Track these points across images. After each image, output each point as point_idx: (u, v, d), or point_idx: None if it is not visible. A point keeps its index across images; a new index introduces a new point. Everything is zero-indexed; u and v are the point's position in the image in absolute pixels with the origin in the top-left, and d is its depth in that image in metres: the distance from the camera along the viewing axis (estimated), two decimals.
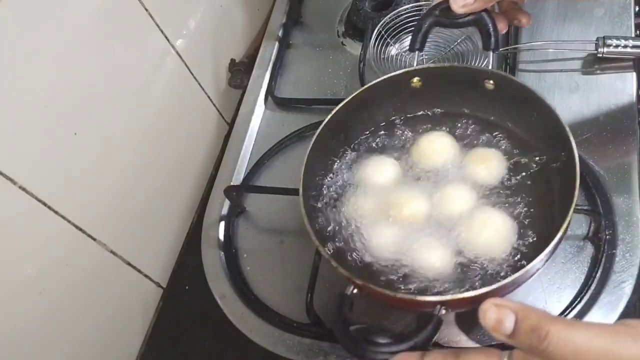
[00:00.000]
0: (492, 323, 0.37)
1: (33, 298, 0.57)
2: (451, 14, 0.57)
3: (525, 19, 0.61)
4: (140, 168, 0.70)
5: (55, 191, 0.57)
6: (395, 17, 0.78)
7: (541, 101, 0.55)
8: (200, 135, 0.84)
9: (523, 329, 0.36)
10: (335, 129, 0.61)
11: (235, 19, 0.90)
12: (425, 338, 0.44)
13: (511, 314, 0.37)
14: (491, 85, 0.60)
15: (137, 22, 0.68)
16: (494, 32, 0.57)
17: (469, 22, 0.58)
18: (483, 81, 0.60)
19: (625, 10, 0.74)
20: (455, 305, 0.48)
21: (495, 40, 0.58)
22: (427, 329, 0.44)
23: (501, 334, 0.37)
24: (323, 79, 0.82)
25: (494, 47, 0.58)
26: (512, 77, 0.59)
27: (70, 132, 0.59)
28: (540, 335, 0.35)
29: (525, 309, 0.37)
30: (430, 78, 0.62)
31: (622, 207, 0.60)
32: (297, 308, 0.62)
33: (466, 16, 0.57)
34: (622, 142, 0.64)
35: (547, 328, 0.35)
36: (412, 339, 0.43)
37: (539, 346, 0.35)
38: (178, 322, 0.71)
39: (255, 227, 0.72)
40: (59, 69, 0.57)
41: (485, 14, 0.57)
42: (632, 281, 0.56)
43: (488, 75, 0.60)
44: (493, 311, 0.37)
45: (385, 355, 0.42)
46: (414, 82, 0.62)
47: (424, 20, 0.60)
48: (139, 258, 0.70)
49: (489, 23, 0.57)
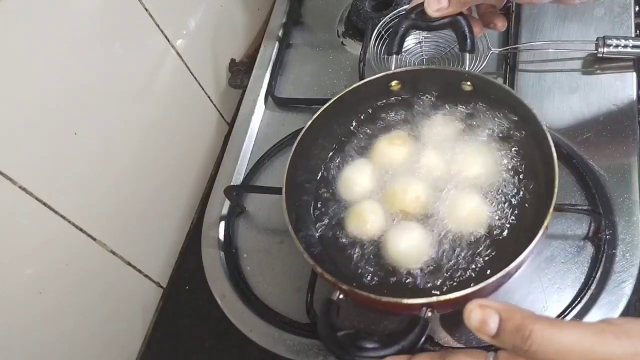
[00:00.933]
0: (476, 324, 0.37)
1: (33, 298, 0.57)
2: (426, 17, 0.59)
3: (501, 23, 0.62)
4: (140, 168, 0.70)
5: (55, 191, 0.57)
6: (395, 17, 0.78)
7: (519, 101, 0.56)
8: (200, 135, 0.84)
9: (507, 329, 0.36)
10: (318, 131, 0.62)
11: (235, 19, 0.90)
12: (412, 341, 0.44)
13: (495, 315, 0.37)
14: (469, 87, 0.61)
15: (137, 22, 0.68)
16: (470, 34, 0.59)
17: (445, 25, 0.59)
18: (460, 83, 0.61)
19: (625, 10, 0.74)
20: (441, 307, 0.48)
21: (471, 41, 0.59)
22: (413, 332, 0.44)
23: (485, 334, 0.37)
24: (323, 79, 0.82)
25: (470, 48, 0.59)
26: (489, 79, 0.60)
27: (70, 132, 0.59)
28: (523, 335, 0.35)
29: (509, 309, 0.37)
30: (409, 81, 0.63)
31: (622, 207, 0.60)
32: (297, 308, 0.62)
33: (441, 19, 0.58)
34: (622, 142, 0.64)
35: (531, 328, 0.35)
36: (399, 343, 0.44)
37: (522, 346, 0.35)
38: (178, 322, 0.71)
39: (255, 227, 0.72)
40: (59, 69, 0.57)
41: (460, 17, 0.58)
42: (632, 281, 0.56)
43: (465, 77, 0.61)
44: (477, 312, 0.37)
45: (373, 359, 0.42)
46: (392, 85, 0.64)
47: (401, 24, 0.61)
48: (139, 258, 0.70)
49: (464, 25, 0.58)
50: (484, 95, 0.60)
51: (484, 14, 0.62)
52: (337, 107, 0.62)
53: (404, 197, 0.57)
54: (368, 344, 0.43)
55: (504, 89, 0.59)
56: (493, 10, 0.62)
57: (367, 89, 0.63)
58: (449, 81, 0.62)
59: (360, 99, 0.64)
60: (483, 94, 0.60)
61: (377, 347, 0.43)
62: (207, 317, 0.67)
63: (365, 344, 0.43)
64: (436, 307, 0.47)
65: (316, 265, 0.51)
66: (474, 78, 0.60)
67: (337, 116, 0.64)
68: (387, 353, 0.43)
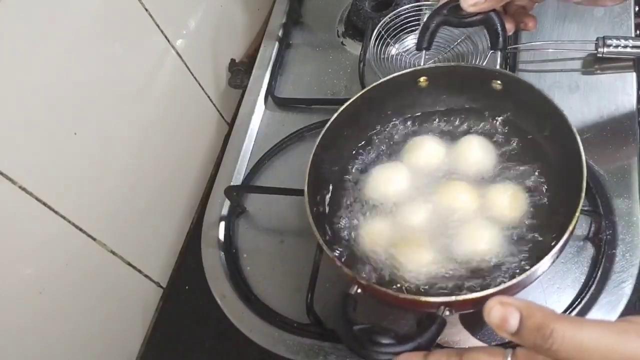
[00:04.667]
0: (496, 321, 0.37)
1: (33, 298, 0.57)
2: (460, 13, 0.57)
3: (532, 23, 0.61)
4: (140, 168, 0.70)
5: (55, 191, 0.57)
6: (395, 17, 0.78)
7: (550, 103, 0.55)
8: (200, 135, 0.84)
9: (528, 327, 0.36)
10: (339, 128, 0.60)
11: (235, 19, 0.90)
12: (428, 339, 0.44)
13: (516, 312, 0.37)
14: (499, 86, 0.59)
15: (137, 22, 0.68)
16: (502, 32, 0.57)
17: (478, 22, 0.58)
18: (491, 81, 0.59)
19: (625, 10, 0.74)
20: (459, 307, 0.48)
21: (504, 39, 0.57)
22: (430, 330, 0.44)
23: (506, 332, 0.37)
24: (323, 79, 0.82)
25: (502, 46, 0.58)
26: (521, 78, 0.59)
27: (70, 132, 0.59)
28: (545, 334, 0.35)
29: (530, 307, 0.37)
30: (437, 77, 0.62)
31: (622, 207, 0.60)
32: (297, 308, 0.62)
33: (475, 15, 0.57)
34: (622, 142, 0.64)
35: (552, 326, 0.35)
36: (416, 340, 0.43)
37: (543, 345, 0.35)
38: (178, 322, 0.71)
39: (255, 227, 0.72)
40: (59, 69, 0.57)
41: (493, 13, 0.57)
42: (632, 281, 0.56)
43: (496, 76, 0.59)
44: (498, 309, 0.37)
45: (389, 355, 0.42)
46: (420, 82, 0.62)
47: (432, 19, 0.59)
48: (139, 258, 0.70)
49: (497, 22, 0.57)
50: (513, 94, 0.59)
51: (514, 14, 0.61)
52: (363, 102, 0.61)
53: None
54: (384, 340, 0.43)
55: (534, 89, 0.57)
56: (524, 10, 0.61)
57: (394, 84, 0.61)
58: (479, 79, 0.60)
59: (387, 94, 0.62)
60: (512, 94, 0.59)
61: (393, 343, 0.43)
62: (207, 317, 0.67)
63: (382, 339, 0.43)
64: (454, 306, 0.46)
65: (336, 259, 0.51)
66: (505, 76, 0.59)
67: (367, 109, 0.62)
68: (403, 350, 0.42)
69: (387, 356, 0.42)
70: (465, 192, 0.57)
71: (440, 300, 0.46)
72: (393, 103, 0.63)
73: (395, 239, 0.55)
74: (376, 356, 0.43)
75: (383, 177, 0.60)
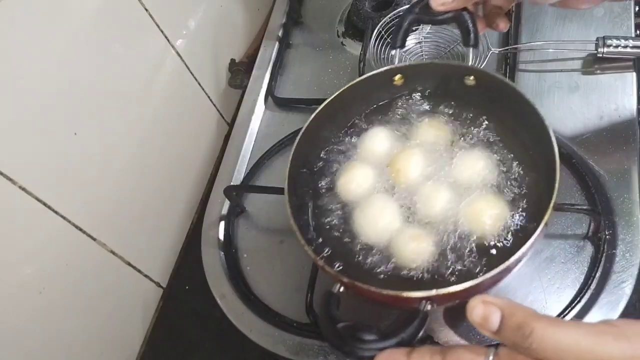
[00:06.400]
0: (478, 319, 0.38)
1: (33, 298, 0.57)
2: (431, 12, 0.58)
3: (503, 24, 0.62)
4: (140, 168, 0.70)
5: (55, 191, 0.57)
6: (395, 17, 0.78)
7: (522, 97, 0.56)
8: (200, 135, 0.84)
9: (509, 326, 0.37)
10: (318, 128, 0.61)
11: (235, 19, 0.90)
12: (411, 334, 0.44)
13: (497, 311, 0.37)
14: (471, 82, 0.61)
15: (137, 22, 0.68)
16: (473, 29, 0.58)
17: (449, 19, 0.59)
18: (463, 77, 0.61)
19: (625, 10, 0.74)
20: (440, 300, 0.49)
21: (475, 36, 0.59)
22: (413, 325, 0.45)
23: (487, 330, 0.38)
24: (323, 79, 0.83)
25: (473, 43, 0.59)
26: (494, 73, 0.61)
27: (70, 132, 0.59)
28: (524, 333, 0.36)
29: (511, 306, 0.38)
30: (412, 75, 0.63)
31: (622, 207, 0.60)
32: (297, 308, 0.62)
33: (445, 13, 0.58)
34: (622, 142, 0.64)
35: (532, 326, 0.36)
36: (399, 335, 0.44)
37: (523, 343, 0.36)
38: (178, 322, 0.71)
39: (255, 227, 0.72)
40: (59, 69, 0.57)
41: (464, 12, 0.58)
42: (632, 281, 0.56)
43: (468, 72, 0.61)
44: (480, 308, 0.38)
45: (372, 351, 0.43)
46: (395, 80, 0.64)
47: (405, 18, 0.61)
48: (139, 258, 0.70)
49: (467, 20, 0.58)
50: (486, 90, 0.60)
51: (488, 14, 0.62)
52: (338, 102, 0.62)
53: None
54: (367, 336, 0.44)
55: (506, 84, 0.59)
56: (499, 11, 0.62)
57: (369, 83, 0.63)
58: (452, 76, 0.62)
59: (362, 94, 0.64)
60: (485, 89, 0.60)
61: (377, 339, 0.43)
62: (207, 317, 0.67)
63: (365, 336, 0.44)
64: (436, 300, 0.47)
65: (317, 258, 0.51)
66: (478, 72, 0.61)
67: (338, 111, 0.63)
68: (386, 345, 0.43)
69: (371, 352, 0.43)
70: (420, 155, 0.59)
71: (421, 295, 0.47)
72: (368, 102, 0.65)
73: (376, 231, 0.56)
74: (360, 352, 0.43)
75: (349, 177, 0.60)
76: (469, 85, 0.61)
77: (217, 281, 0.67)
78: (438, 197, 0.56)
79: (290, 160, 0.58)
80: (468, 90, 0.62)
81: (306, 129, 0.60)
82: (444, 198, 0.56)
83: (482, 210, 0.54)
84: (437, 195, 0.56)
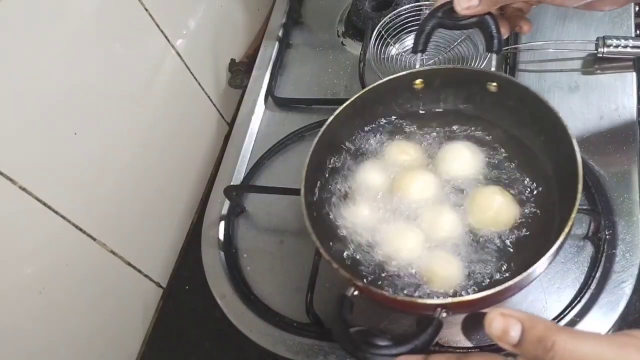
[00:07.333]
0: (498, 333, 0.37)
1: (33, 298, 0.57)
2: (454, 16, 0.57)
3: (527, 27, 0.61)
4: (140, 168, 0.70)
5: (55, 191, 0.57)
6: (395, 17, 0.78)
7: (545, 105, 0.55)
8: (200, 135, 0.84)
9: (529, 339, 0.36)
10: (336, 129, 0.61)
11: (235, 19, 0.90)
12: (425, 341, 0.44)
13: (517, 324, 0.37)
14: (494, 88, 0.60)
15: (137, 22, 0.68)
16: (497, 34, 0.57)
17: (472, 24, 0.58)
18: (486, 83, 0.60)
19: (625, 10, 0.74)
20: (455, 308, 0.48)
21: (499, 42, 0.57)
22: (427, 332, 0.44)
23: (507, 343, 0.37)
24: (323, 79, 0.82)
25: (497, 49, 0.57)
26: (516, 80, 0.60)
27: (70, 132, 0.59)
28: (546, 346, 0.35)
29: (532, 319, 0.37)
30: (433, 80, 0.62)
31: (622, 207, 0.60)
32: (297, 308, 0.62)
33: (469, 18, 0.57)
34: (622, 142, 0.64)
35: (554, 339, 0.35)
36: (412, 342, 0.43)
37: (544, 357, 0.35)
38: (178, 322, 0.71)
39: (255, 227, 0.72)
40: (59, 69, 0.57)
41: (488, 16, 0.57)
42: (632, 281, 0.56)
43: (491, 78, 0.60)
44: (499, 321, 0.37)
45: (386, 357, 0.43)
46: (416, 84, 0.62)
47: (427, 22, 0.59)
48: (139, 258, 0.70)
49: (492, 25, 0.57)
50: (509, 97, 0.59)
51: (510, 17, 0.61)
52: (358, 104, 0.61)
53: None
54: (381, 342, 0.43)
55: (529, 91, 0.57)
56: (520, 13, 0.61)
57: (390, 86, 0.62)
58: (474, 81, 0.61)
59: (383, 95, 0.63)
60: (508, 96, 0.59)
61: (390, 345, 0.43)
62: (207, 317, 0.67)
63: (378, 342, 0.43)
64: (451, 308, 0.46)
65: (332, 261, 0.51)
66: (502, 79, 0.59)
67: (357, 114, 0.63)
68: (399, 352, 0.43)
69: (384, 358, 0.43)
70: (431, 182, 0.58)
71: (436, 302, 0.46)
72: (388, 105, 0.64)
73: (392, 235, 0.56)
74: (373, 358, 0.43)
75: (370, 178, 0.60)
76: (491, 91, 0.60)
77: (217, 281, 0.67)
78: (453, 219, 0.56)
79: (307, 164, 0.57)
80: (489, 96, 0.60)
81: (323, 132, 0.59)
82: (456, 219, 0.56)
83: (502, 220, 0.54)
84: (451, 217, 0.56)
